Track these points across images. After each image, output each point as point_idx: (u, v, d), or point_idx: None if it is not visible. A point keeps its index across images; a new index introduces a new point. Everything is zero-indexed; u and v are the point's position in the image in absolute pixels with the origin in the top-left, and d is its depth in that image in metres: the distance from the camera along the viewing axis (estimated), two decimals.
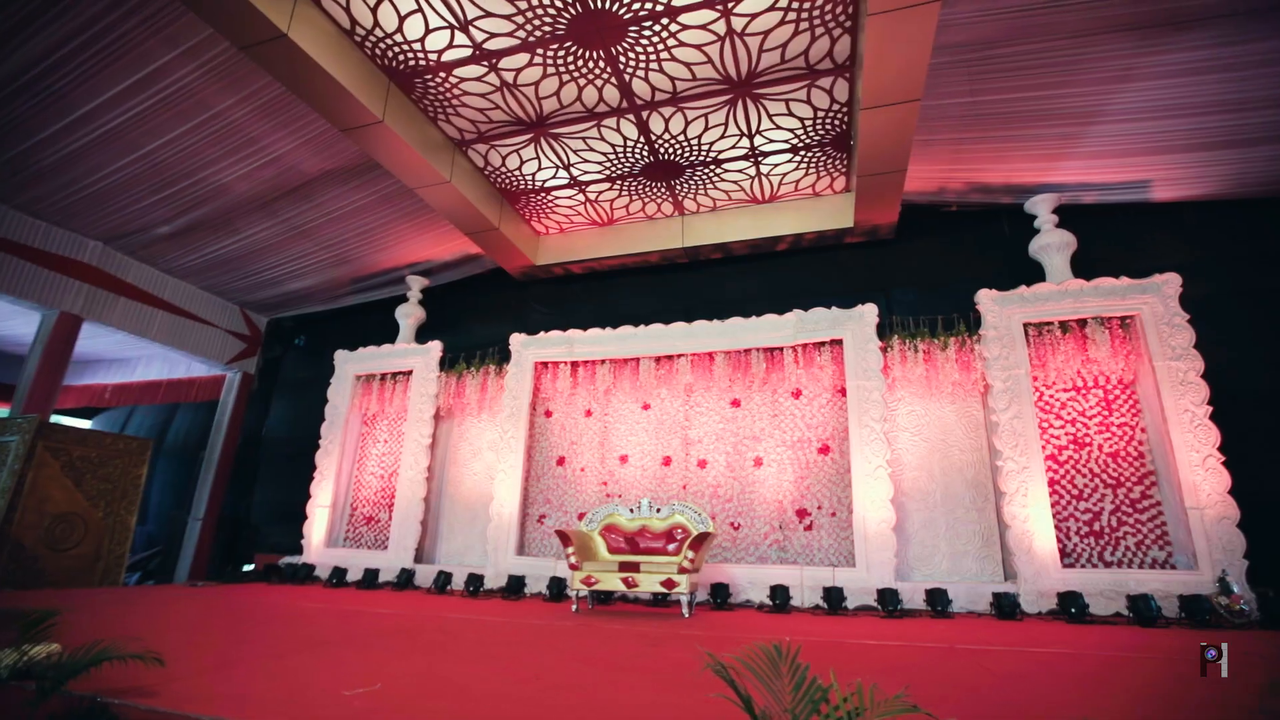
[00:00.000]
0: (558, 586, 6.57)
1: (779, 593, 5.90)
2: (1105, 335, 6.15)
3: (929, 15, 4.63)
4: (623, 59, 5.66)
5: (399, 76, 5.97)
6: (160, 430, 11.85)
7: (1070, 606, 5.19)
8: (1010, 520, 5.90)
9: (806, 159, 7.07)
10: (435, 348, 8.64)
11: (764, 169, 7.27)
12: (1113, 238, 6.92)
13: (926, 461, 6.67)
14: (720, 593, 6.08)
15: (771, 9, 5.11)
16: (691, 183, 7.58)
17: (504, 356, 8.53)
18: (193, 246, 8.54)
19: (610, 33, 5.37)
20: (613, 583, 5.42)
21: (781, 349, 7.23)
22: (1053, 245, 6.67)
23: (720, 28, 5.31)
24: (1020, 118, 6.12)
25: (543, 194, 7.90)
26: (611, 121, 6.55)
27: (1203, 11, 4.83)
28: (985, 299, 6.59)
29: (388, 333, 9.53)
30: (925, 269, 7.56)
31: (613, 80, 5.94)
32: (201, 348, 9.61)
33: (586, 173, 7.42)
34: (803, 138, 6.71)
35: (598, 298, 8.99)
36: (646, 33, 5.37)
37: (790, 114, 6.37)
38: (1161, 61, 5.27)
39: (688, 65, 5.74)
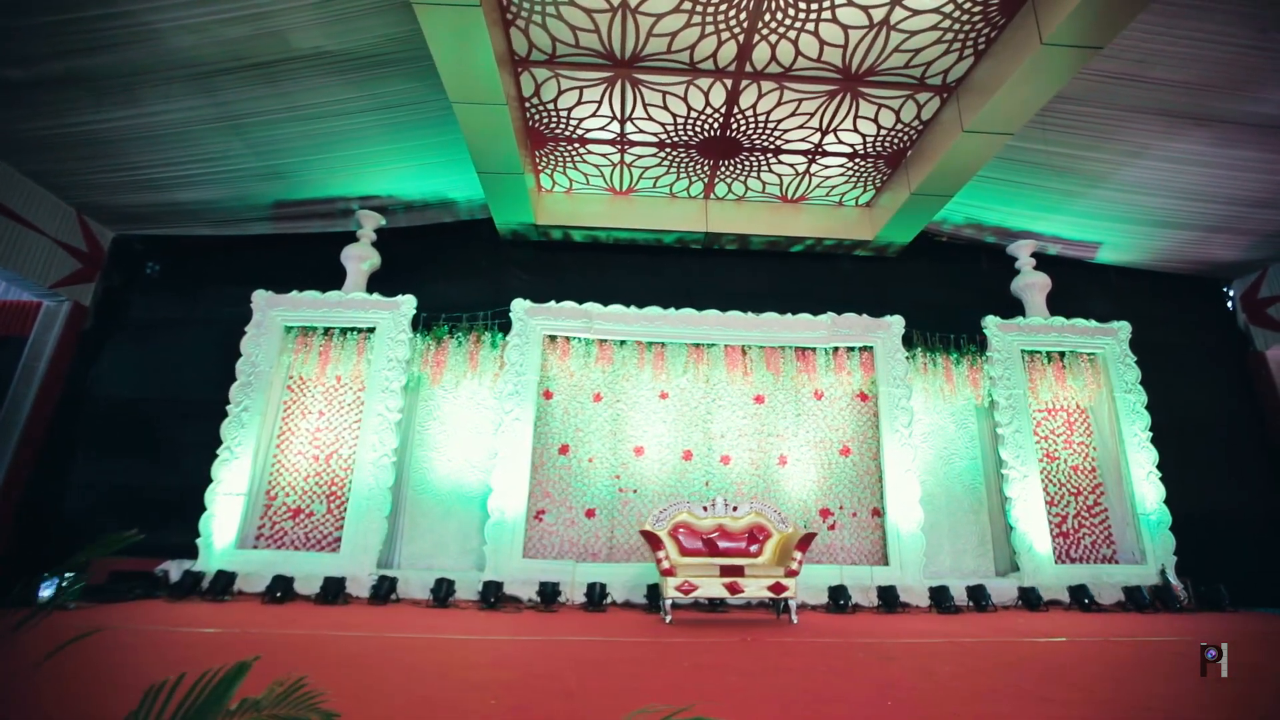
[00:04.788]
0: (598, 593, 5.76)
1: (839, 593, 5.88)
2: (1081, 366, 7.28)
3: (1078, 60, 5.01)
4: (767, 15, 5.17)
5: None
6: None
7: (1083, 598, 6.00)
8: (1015, 522, 6.65)
9: (857, 167, 7.21)
10: (408, 303, 7.05)
11: (814, 168, 7.25)
12: (1063, 285, 8.19)
13: (933, 467, 7.22)
14: None
15: (935, 10, 5.09)
16: (739, 167, 7.26)
17: (493, 324, 7.29)
18: (48, 110, 5.82)
19: None
20: (714, 589, 4.90)
21: (813, 349, 7.27)
22: (1035, 285, 7.70)
23: (880, 14, 5.13)
24: (1045, 169, 6.94)
25: (576, 144, 6.92)
26: (705, 82, 5.97)
27: (1222, 114, 5.96)
28: (991, 325, 7.36)
29: (308, 276, 7.42)
30: (920, 290, 8.19)
31: (740, 37, 5.40)
32: (13, 259, 6.59)
33: (641, 131, 6.67)
34: (868, 146, 6.83)
35: (594, 271, 8.14)
36: None
37: (874, 120, 6.43)
38: (1172, 147, 6.38)
39: (822, 42, 5.45)
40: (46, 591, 6.85)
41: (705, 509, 5.74)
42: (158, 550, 6.54)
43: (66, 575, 6.97)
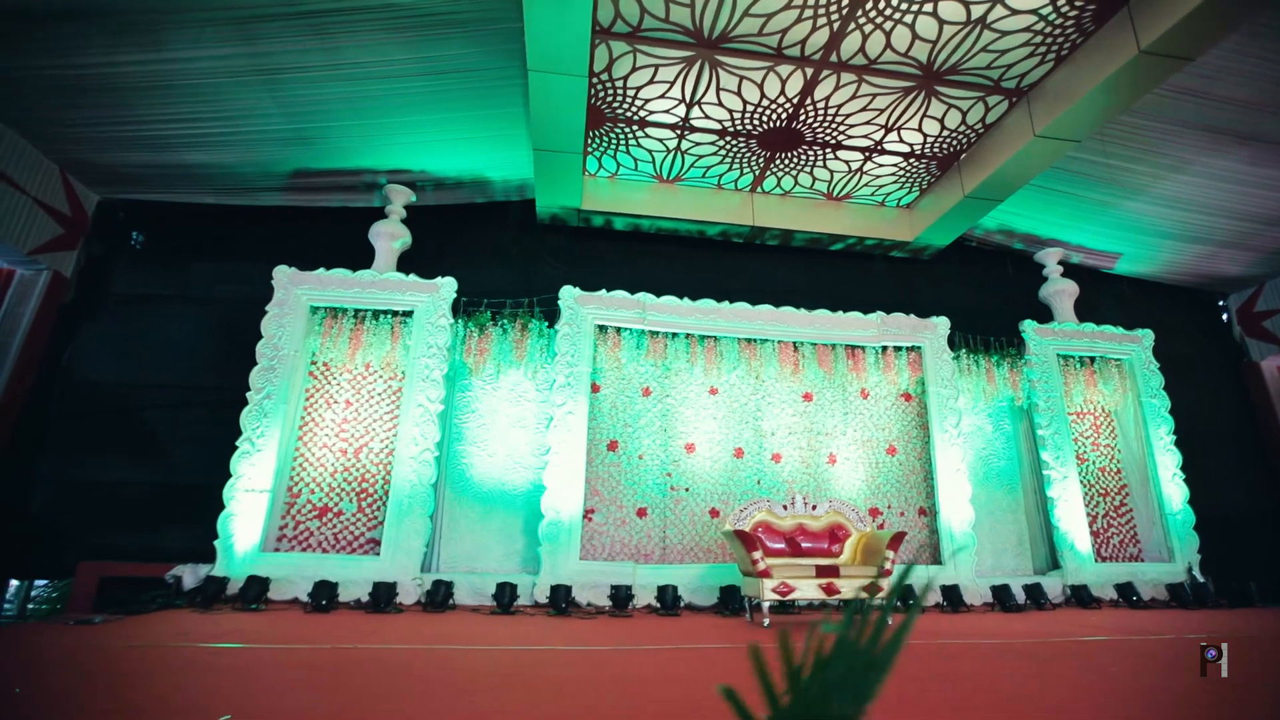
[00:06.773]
0: (671, 596, 5.48)
1: (907, 593, 5.82)
2: (1110, 371, 7.53)
3: (1167, 70, 5.11)
4: (869, 3, 5.03)
5: None
6: None
7: (1131, 595, 6.17)
8: (1057, 522, 6.80)
9: (910, 168, 7.21)
10: (448, 285, 6.55)
11: (867, 166, 7.20)
12: (1081, 293, 8.48)
13: (973, 467, 7.30)
14: None
15: (1032, 11, 5.09)
16: (795, 160, 7.12)
17: (537, 312, 6.87)
18: (53, 48, 5.03)
19: None
20: (810, 590, 4.72)
21: (863, 348, 7.23)
22: (1065, 292, 7.93)
23: (979, 11, 5.09)
24: (1089, 179, 7.13)
25: (634, 126, 6.61)
26: (786, 69, 5.79)
27: (1263, 132, 6.25)
28: (1029, 329, 7.53)
29: (320, 252, 6.74)
30: (952, 292, 8.29)
31: (834, 24, 5.25)
32: None
33: (706, 117, 6.43)
34: (926, 147, 6.82)
35: (631, 261, 7.81)
36: None
37: (940, 120, 6.42)
38: (1210, 163, 6.66)
39: (914, 36, 5.37)
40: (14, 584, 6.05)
41: (785, 508, 5.56)
42: (155, 554, 5.84)
43: (38, 582, 6.11)
